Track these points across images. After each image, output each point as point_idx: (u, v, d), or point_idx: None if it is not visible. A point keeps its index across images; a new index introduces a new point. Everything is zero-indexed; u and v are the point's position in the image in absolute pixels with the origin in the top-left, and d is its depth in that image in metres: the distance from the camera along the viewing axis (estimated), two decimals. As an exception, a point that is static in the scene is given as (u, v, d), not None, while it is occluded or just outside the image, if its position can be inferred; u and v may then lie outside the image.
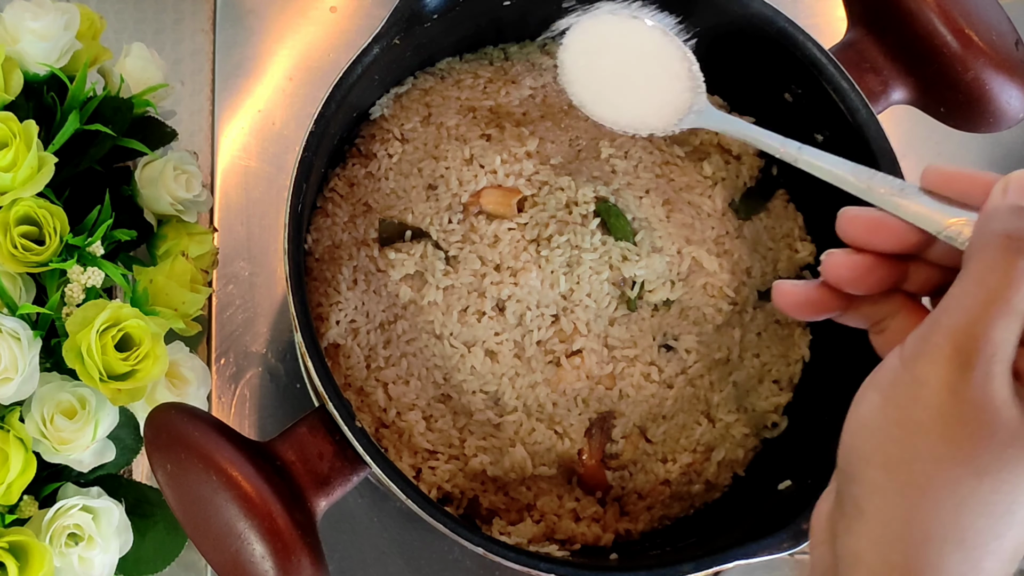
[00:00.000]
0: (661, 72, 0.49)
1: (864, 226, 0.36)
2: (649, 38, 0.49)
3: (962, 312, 0.31)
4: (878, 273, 0.36)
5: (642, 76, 0.49)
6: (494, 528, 0.54)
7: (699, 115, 0.48)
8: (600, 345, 0.55)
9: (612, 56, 0.49)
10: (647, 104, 0.49)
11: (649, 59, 0.49)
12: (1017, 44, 0.55)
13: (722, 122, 0.48)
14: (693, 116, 0.48)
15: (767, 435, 0.58)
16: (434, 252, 0.56)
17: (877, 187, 0.37)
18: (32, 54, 0.54)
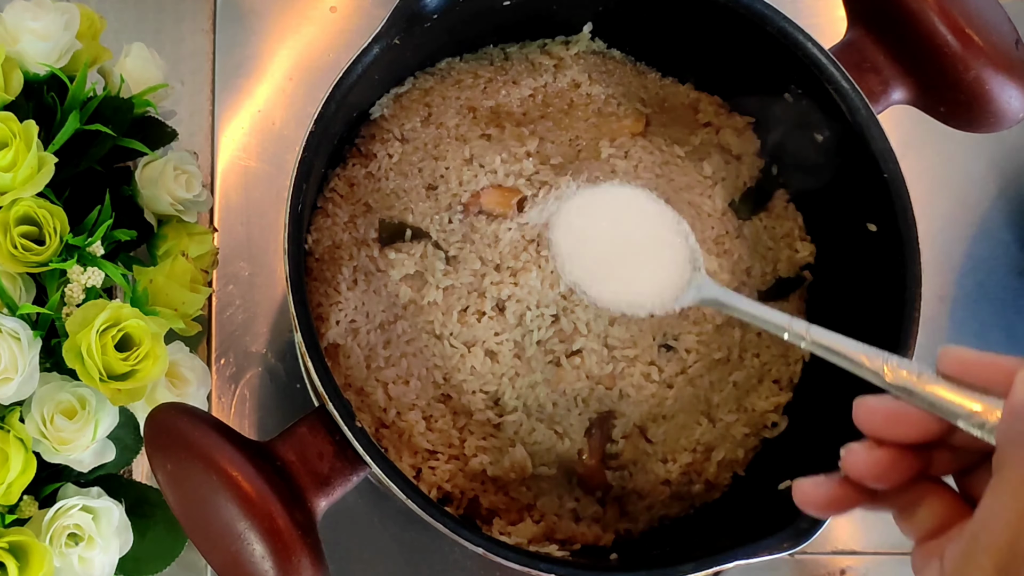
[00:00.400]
0: (657, 246, 0.47)
1: (883, 418, 0.34)
2: (641, 210, 0.48)
3: (1002, 529, 0.29)
4: (901, 466, 0.34)
5: (637, 252, 0.47)
6: (494, 528, 0.54)
7: (699, 290, 0.46)
8: (600, 345, 0.55)
9: (604, 231, 0.48)
10: (644, 282, 0.47)
11: (643, 232, 0.48)
12: (1017, 44, 0.55)
13: (725, 298, 0.45)
14: (693, 292, 0.46)
15: (767, 435, 0.58)
16: (434, 252, 0.56)
17: (892, 372, 0.35)
18: (32, 54, 0.54)
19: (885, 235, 0.53)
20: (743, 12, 0.54)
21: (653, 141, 0.60)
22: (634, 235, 0.48)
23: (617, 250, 0.48)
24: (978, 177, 0.74)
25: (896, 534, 0.70)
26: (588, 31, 0.61)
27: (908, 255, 0.51)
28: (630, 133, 0.60)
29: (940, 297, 0.71)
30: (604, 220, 0.48)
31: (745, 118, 0.61)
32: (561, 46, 0.62)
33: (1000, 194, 0.74)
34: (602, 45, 0.63)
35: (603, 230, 0.48)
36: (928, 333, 0.52)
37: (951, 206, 0.73)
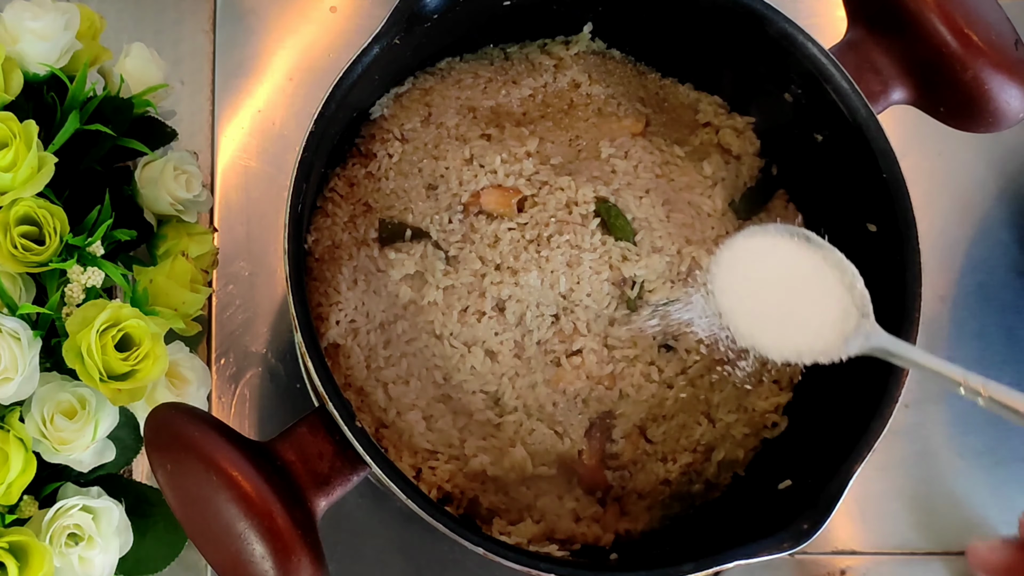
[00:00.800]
0: (823, 293, 0.45)
1: None
2: (808, 255, 0.46)
3: None
4: None
5: (802, 298, 0.45)
6: (494, 528, 0.54)
7: (868, 338, 0.44)
8: (600, 345, 0.55)
9: (767, 277, 0.46)
10: (808, 328, 0.45)
11: (809, 279, 0.46)
12: (1017, 44, 0.55)
13: (896, 348, 0.44)
14: (861, 340, 0.44)
15: (767, 435, 0.58)
16: (434, 252, 0.56)
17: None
18: (32, 54, 0.54)
19: (885, 235, 0.53)
20: (743, 12, 0.54)
21: (653, 141, 0.60)
22: (798, 280, 0.46)
23: (779, 298, 0.46)
24: (978, 177, 0.74)
25: (896, 534, 0.70)
26: (588, 31, 0.61)
27: (908, 255, 0.51)
28: (630, 133, 0.60)
29: (940, 297, 0.71)
30: (767, 265, 0.46)
31: (745, 118, 0.61)
32: (561, 46, 0.62)
33: (1000, 194, 0.74)
34: (602, 45, 0.63)
35: (766, 275, 0.46)
36: (928, 333, 0.52)
37: (951, 206, 0.73)
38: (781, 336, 0.46)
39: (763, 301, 0.46)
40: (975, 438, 0.69)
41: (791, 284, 0.46)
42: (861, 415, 0.50)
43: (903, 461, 0.68)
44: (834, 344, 0.45)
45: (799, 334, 0.45)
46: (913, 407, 0.68)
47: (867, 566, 0.66)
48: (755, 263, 0.46)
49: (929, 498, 0.67)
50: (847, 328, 0.45)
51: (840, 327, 0.45)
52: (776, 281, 0.46)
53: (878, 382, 0.50)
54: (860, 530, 0.67)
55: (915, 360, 0.43)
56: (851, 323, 0.45)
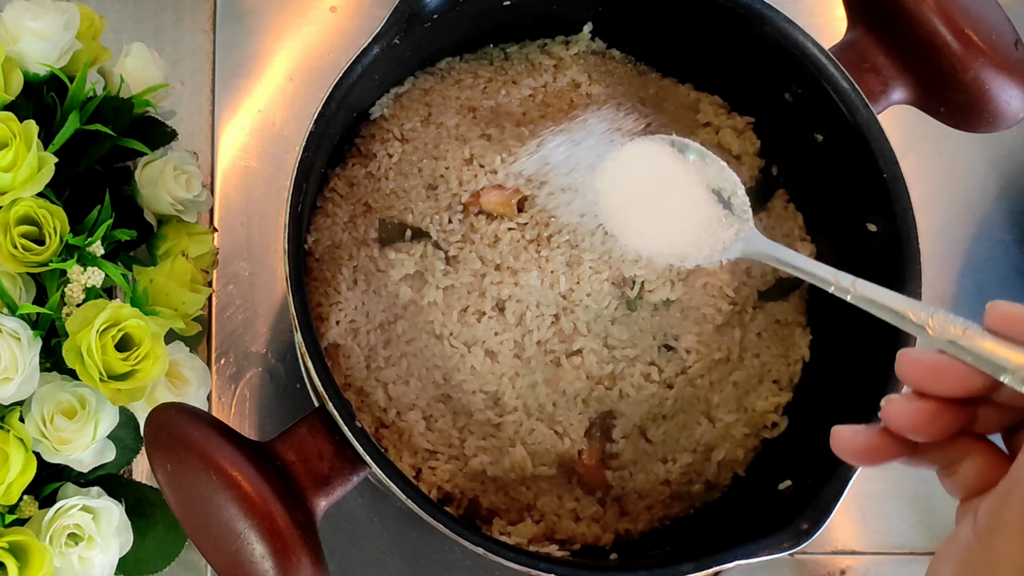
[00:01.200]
0: (700, 200, 0.47)
1: (926, 371, 0.34)
2: (683, 165, 0.48)
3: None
4: (943, 419, 0.34)
5: (681, 204, 0.48)
6: (494, 528, 0.54)
7: (747, 243, 0.47)
8: (600, 345, 0.55)
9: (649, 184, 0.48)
10: (688, 234, 0.47)
11: (688, 186, 0.48)
12: (1017, 44, 0.55)
13: (771, 250, 0.46)
14: (741, 244, 0.47)
15: (767, 435, 0.58)
16: (434, 252, 0.56)
17: (937, 326, 0.34)
18: (32, 54, 0.54)
19: (885, 235, 0.53)
20: (743, 12, 0.54)
21: (653, 141, 0.60)
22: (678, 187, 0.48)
23: (660, 200, 0.48)
24: (978, 177, 0.74)
25: (896, 534, 0.70)
26: (588, 31, 0.61)
27: (908, 255, 0.51)
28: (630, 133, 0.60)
29: (940, 297, 0.71)
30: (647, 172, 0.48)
31: (745, 118, 0.61)
32: (561, 46, 0.62)
33: (1000, 194, 0.74)
34: (602, 45, 0.63)
35: (647, 181, 0.48)
36: (928, 333, 0.52)
37: (951, 206, 0.73)
38: (660, 239, 0.48)
39: (643, 207, 0.48)
40: (975, 438, 0.69)
41: (670, 192, 0.48)
42: (861, 415, 0.49)
43: (903, 461, 0.68)
44: (715, 246, 0.47)
45: (677, 238, 0.47)
46: (913, 407, 0.68)
47: (867, 566, 0.66)
48: (636, 171, 0.48)
49: (929, 498, 0.67)
50: (725, 234, 0.47)
51: (717, 232, 0.47)
52: (655, 188, 0.48)
53: (878, 382, 0.50)
54: (860, 530, 0.67)
55: (787, 261, 0.44)
56: (731, 228, 0.47)
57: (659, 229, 0.48)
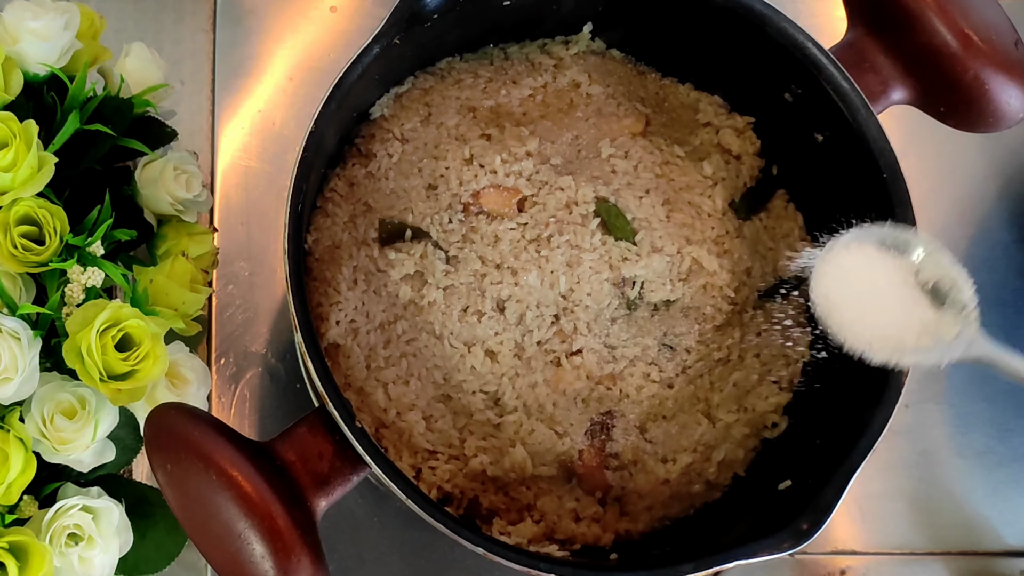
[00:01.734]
0: (912, 301, 0.46)
1: None
2: (899, 263, 0.47)
3: None
4: None
5: (894, 306, 0.47)
6: (494, 528, 0.54)
7: (970, 346, 0.45)
8: (600, 345, 0.55)
9: (865, 283, 0.47)
10: (903, 336, 0.46)
11: (910, 283, 0.47)
12: (1017, 44, 0.55)
13: (998, 356, 0.44)
14: (963, 346, 0.45)
15: (767, 435, 0.57)
16: (434, 252, 0.56)
17: None
18: (32, 54, 0.54)
19: (885, 235, 0.52)
20: (743, 12, 0.54)
21: (653, 141, 0.60)
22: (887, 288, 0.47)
23: (878, 297, 0.47)
24: (978, 177, 0.74)
25: (896, 534, 0.70)
26: (588, 31, 0.61)
27: (908, 255, 0.51)
28: (630, 133, 0.60)
29: (940, 297, 0.71)
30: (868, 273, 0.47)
31: (745, 118, 0.61)
32: (561, 46, 0.62)
33: (1000, 194, 0.74)
34: (602, 45, 0.63)
35: (865, 282, 0.47)
36: (928, 333, 0.52)
37: (951, 206, 0.73)
38: (876, 342, 0.46)
39: (858, 310, 0.47)
40: (975, 438, 0.69)
41: (882, 293, 0.47)
42: (861, 415, 0.50)
43: (903, 461, 0.68)
44: (933, 349, 0.45)
45: (892, 340, 0.46)
46: (913, 407, 0.68)
47: (867, 566, 0.66)
48: (853, 271, 0.48)
49: (929, 498, 0.67)
50: (945, 334, 0.45)
51: (932, 332, 0.46)
52: (868, 290, 0.47)
53: (878, 382, 0.50)
54: (860, 530, 0.67)
55: (1016, 369, 0.43)
56: (953, 329, 0.45)
57: (874, 332, 0.47)
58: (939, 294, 0.46)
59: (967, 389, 0.70)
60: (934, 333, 0.46)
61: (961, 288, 0.46)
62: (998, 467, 0.68)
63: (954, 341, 0.45)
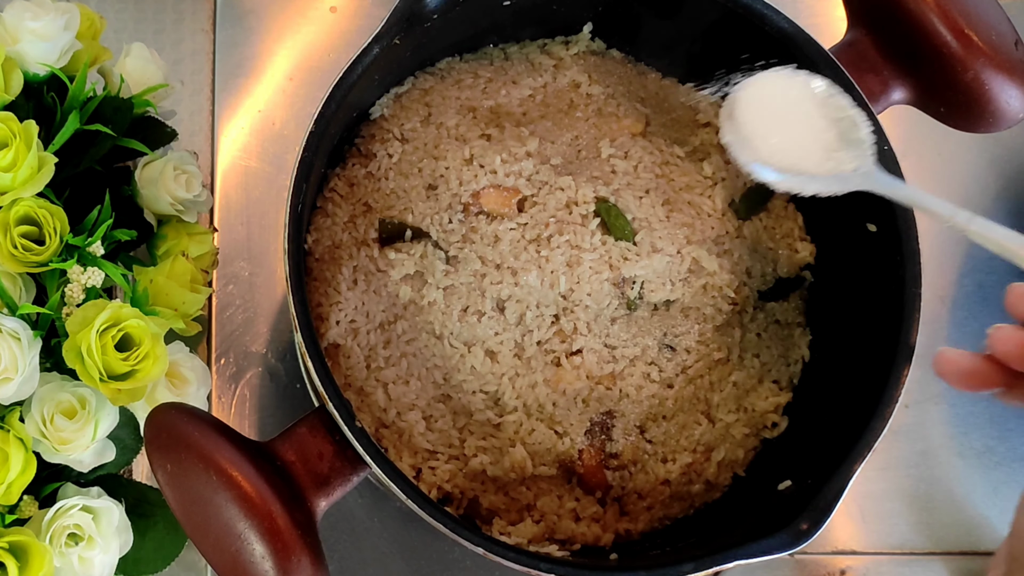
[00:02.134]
0: (823, 126, 0.49)
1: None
2: (818, 96, 0.50)
3: None
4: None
5: (807, 126, 0.49)
6: (494, 528, 0.54)
7: (865, 177, 0.48)
8: (600, 345, 0.55)
9: (783, 110, 0.50)
10: (812, 154, 0.49)
11: (818, 115, 0.49)
12: (1017, 44, 0.55)
13: (891, 186, 0.47)
14: (860, 178, 0.48)
15: (767, 435, 0.58)
16: (434, 252, 0.56)
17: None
18: (32, 54, 0.54)
19: (885, 235, 0.53)
20: (743, 12, 0.54)
21: (653, 141, 0.60)
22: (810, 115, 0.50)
23: (788, 122, 0.50)
24: (978, 177, 0.74)
25: (896, 534, 0.70)
26: (588, 31, 0.61)
27: (908, 255, 0.51)
28: (630, 133, 0.60)
29: (940, 297, 0.71)
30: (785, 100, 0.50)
31: (747, 119, 0.61)
32: (561, 46, 0.62)
33: (1000, 194, 0.74)
34: (602, 45, 0.63)
35: (782, 108, 0.50)
36: (928, 333, 0.52)
37: (951, 206, 0.73)
38: (786, 154, 0.49)
39: (773, 125, 0.50)
40: (975, 438, 0.69)
41: (797, 116, 0.50)
42: (861, 415, 0.50)
43: (903, 461, 0.68)
44: (833, 174, 0.48)
45: (801, 155, 0.49)
46: (913, 407, 0.68)
47: (867, 566, 0.66)
48: (775, 97, 0.50)
49: (929, 498, 0.67)
50: (846, 164, 0.48)
51: (837, 159, 0.48)
52: (785, 112, 0.50)
53: (878, 382, 0.50)
54: (860, 530, 0.67)
55: (909, 197, 0.46)
56: (852, 163, 0.48)
57: (786, 145, 0.49)
58: (841, 134, 0.49)
59: (967, 389, 0.70)
60: (836, 162, 0.48)
61: (859, 126, 0.49)
62: (998, 467, 0.68)
63: (852, 173, 0.48)
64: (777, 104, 0.50)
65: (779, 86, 0.50)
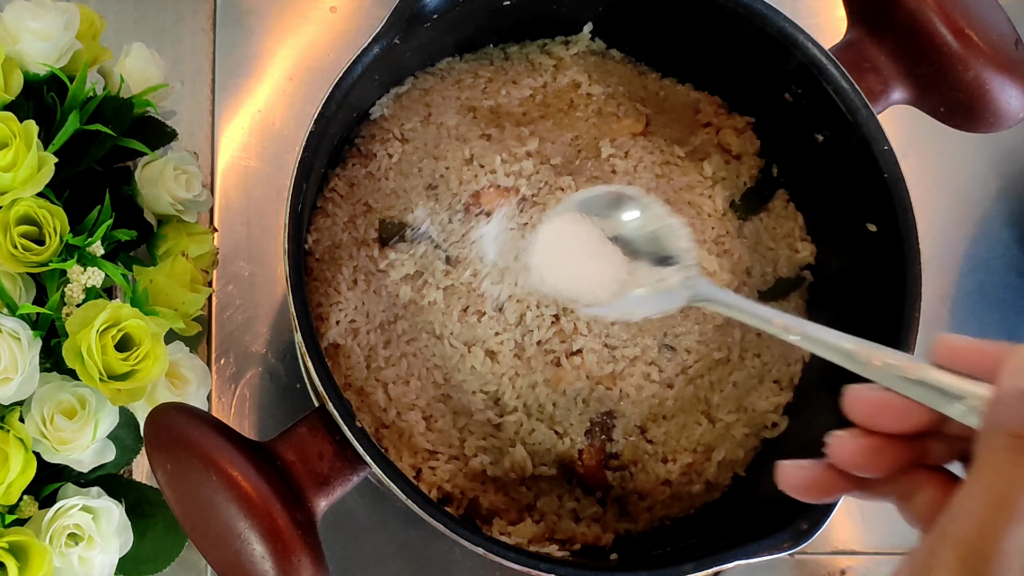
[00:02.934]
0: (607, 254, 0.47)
1: (869, 408, 0.34)
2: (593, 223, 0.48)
3: (968, 521, 0.28)
4: (889, 454, 0.33)
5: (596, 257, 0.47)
6: (494, 528, 0.54)
7: (694, 289, 0.45)
8: (600, 345, 0.55)
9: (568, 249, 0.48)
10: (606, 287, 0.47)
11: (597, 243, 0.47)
12: (1017, 44, 0.55)
13: (719, 296, 0.44)
14: (688, 292, 0.45)
15: (767, 435, 0.58)
16: (434, 252, 0.56)
17: (879, 362, 0.34)
18: (32, 54, 0.54)
19: (885, 235, 0.53)
20: (743, 12, 0.54)
21: (653, 141, 0.60)
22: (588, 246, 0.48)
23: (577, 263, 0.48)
24: (978, 177, 0.74)
25: (896, 534, 0.70)
26: (588, 31, 0.61)
27: (908, 255, 0.51)
28: (630, 133, 0.60)
29: (940, 297, 0.71)
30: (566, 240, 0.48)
31: (745, 118, 0.61)
32: (561, 46, 0.62)
33: (1000, 194, 0.74)
34: (602, 45, 0.63)
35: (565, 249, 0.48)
36: (928, 333, 0.52)
37: (951, 206, 0.73)
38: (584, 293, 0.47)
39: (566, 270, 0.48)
40: (975, 438, 0.69)
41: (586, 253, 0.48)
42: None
43: (903, 461, 0.68)
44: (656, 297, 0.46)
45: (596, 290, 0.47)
46: (913, 407, 0.68)
47: (867, 566, 0.66)
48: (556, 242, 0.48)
49: (929, 498, 0.67)
50: (671, 282, 0.45)
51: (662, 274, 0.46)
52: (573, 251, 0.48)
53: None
54: (860, 530, 0.67)
55: (735, 305, 0.43)
56: (677, 277, 0.45)
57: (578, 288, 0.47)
58: (659, 245, 0.46)
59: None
60: (653, 282, 0.46)
61: (679, 236, 0.46)
62: (998, 467, 0.68)
63: (679, 287, 0.45)
64: (566, 243, 0.48)
65: (568, 227, 0.48)
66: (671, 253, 0.46)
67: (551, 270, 0.48)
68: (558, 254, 0.48)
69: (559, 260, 0.48)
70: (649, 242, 0.47)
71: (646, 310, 0.46)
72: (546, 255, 0.48)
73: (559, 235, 0.48)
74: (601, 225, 0.47)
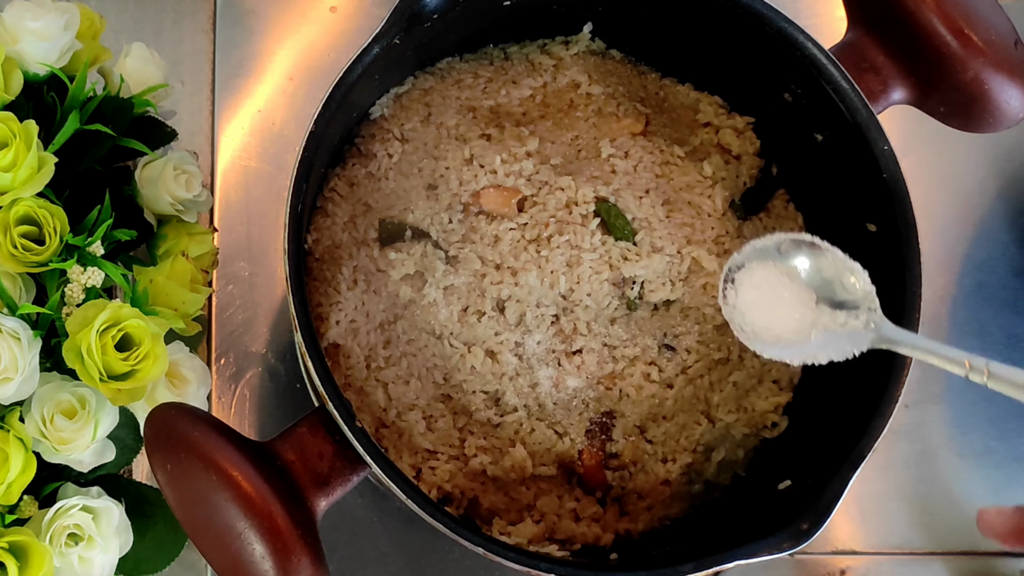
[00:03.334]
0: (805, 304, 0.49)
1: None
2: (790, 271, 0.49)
3: None
4: None
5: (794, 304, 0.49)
6: (494, 528, 0.54)
7: (877, 332, 0.46)
8: (600, 345, 0.55)
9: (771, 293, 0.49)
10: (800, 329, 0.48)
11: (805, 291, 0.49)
12: (1017, 44, 0.55)
13: (902, 337, 0.46)
14: (871, 335, 0.46)
15: (767, 435, 0.58)
16: (434, 252, 0.56)
17: None
18: (32, 54, 0.54)
19: (885, 235, 0.53)
20: (743, 12, 0.54)
21: (653, 141, 0.60)
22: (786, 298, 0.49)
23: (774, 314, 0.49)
24: (978, 177, 0.74)
25: (896, 534, 0.70)
26: (588, 31, 0.61)
27: (908, 255, 0.51)
28: (630, 133, 0.60)
29: (940, 297, 0.71)
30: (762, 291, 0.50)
31: (745, 118, 0.61)
32: (561, 46, 0.62)
33: (1000, 194, 0.74)
34: (602, 45, 0.63)
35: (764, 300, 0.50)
36: (928, 333, 0.52)
37: (951, 206, 0.73)
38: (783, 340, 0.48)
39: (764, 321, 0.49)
40: (975, 438, 0.69)
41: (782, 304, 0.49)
42: (861, 415, 0.50)
43: (903, 461, 0.68)
44: (840, 341, 0.47)
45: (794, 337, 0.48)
46: (913, 407, 0.68)
47: (867, 566, 0.66)
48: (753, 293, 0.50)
49: (929, 498, 0.67)
50: (853, 325, 0.47)
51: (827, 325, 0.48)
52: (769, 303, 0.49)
53: (878, 382, 0.50)
54: (860, 530, 0.67)
55: (921, 347, 0.44)
56: (858, 320, 0.47)
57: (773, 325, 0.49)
58: (833, 289, 0.48)
59: (967, 389, 0.69)
60: (837, 325, 0.47)
61: (859, 278, 0.48)
62: (998, 467, 0.68)
63: (864, 329, 0.47)
64: (766, 288, 0.49)
65: (768, 273, 0.49)
66: (846, 297, 0.47)
67: (753, 314, 0.49)
68: (760, 298, 0.49)
69: (761, 304, 0.49)
70: (824, 286, 0.48)
71: (830, 353, 0.47)
72: (748, 300, 0.49)
73: (761, 281, 0.50)
74: (783, 270, 0.49)
